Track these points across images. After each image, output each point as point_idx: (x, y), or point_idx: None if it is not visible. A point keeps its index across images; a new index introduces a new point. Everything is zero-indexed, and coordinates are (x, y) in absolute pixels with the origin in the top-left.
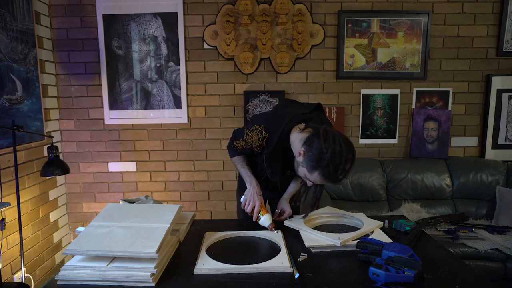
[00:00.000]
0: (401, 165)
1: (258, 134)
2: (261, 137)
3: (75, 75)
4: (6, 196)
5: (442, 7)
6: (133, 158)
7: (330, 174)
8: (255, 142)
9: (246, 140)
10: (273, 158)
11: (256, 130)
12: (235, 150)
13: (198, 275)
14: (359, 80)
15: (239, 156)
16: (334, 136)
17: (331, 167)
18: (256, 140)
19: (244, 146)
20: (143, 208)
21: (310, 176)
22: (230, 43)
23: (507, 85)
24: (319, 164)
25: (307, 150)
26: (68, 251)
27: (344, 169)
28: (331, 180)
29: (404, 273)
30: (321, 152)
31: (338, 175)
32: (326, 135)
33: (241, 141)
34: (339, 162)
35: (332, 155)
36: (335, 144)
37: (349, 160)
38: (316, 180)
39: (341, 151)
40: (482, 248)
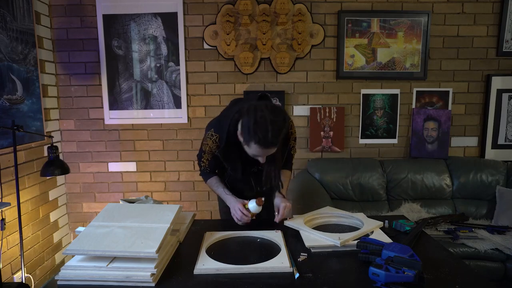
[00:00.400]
0: (401, 165)
1: (211, 137)
2: (213, 139)
3: (75, 75)
4: (6, 196)
5: (442, 7)
6: (133, 158)
7: (261, 139)
8: (212, 147)
9: (205, 151)
10: (229, 155)
11: (208, 135)
12: (205, 170)
13: (198, 275)
14: (359, 80)
15: (211, 179)
16: (256, 107)
17: (259, 132)
18: (211, 144)
19: (208, 158)
20: (143, 208)
21: (250, 150)
22: (230, 43)
23: (507, 85)
24: (250, 135)
25: (241, 129)
26: (68, 251)
27: (274, 131)
28: (266, 144)
29: (404, 273)
30: (247, 124)
31: (269, 138)
32: (248, 109)
33: (204, 155)
34: (266, 125)
35: (255, 121)
36: (256, 112)
37: (276, 122)
38: (256, 151)
39: (263, 116)
40: (482, 248)
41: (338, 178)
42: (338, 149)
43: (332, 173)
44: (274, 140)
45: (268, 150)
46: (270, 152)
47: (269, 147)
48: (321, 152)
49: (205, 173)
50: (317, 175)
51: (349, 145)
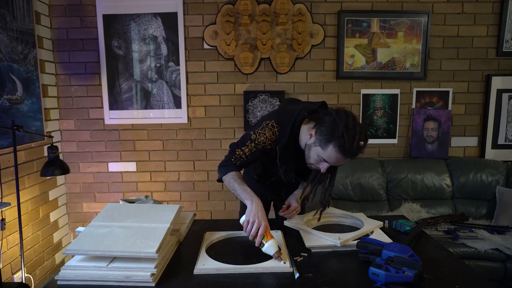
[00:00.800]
0: (401, 165)
1: (271, 129)
2: (274, 131)
3: (75, 75)
4: (6, 196)
5: (442, 7)
6: (133, 158)
7: (346, 144)
8: (269, 138)
9: (257, 140)
10: (286, 154)
11: (268, 125)
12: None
13: (198, 275)
14: (359, 80)
15: (231, 173)
16: (346, 111)
17: (346, 137)
18: (269, 135)
19: (253, 150)
20: (143, 208)
21: (324, 153)
22: (230, 43)
23: (507, 85)
24: (333, 135)
25: (318, 127)
26: (68, 251)
27: (359, 141)
28: (347, 152)
29: (404, 273)
30: (335, 123)
31: (354, 146)
32: (338, 110)
33: (250, 145)
34: (354, 133)
35: (346, 125)
36: (348, 117)
37: (363, 133)
38: (331, 155)
39: (354, 123)
40: (482, 248)
41: (338, 178)
42: None
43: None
44: (357, 151)
45: (343, 160)
46: (343, 162)
47: (348, 156)
48: None
49: (230, 165)
50: None
51: None
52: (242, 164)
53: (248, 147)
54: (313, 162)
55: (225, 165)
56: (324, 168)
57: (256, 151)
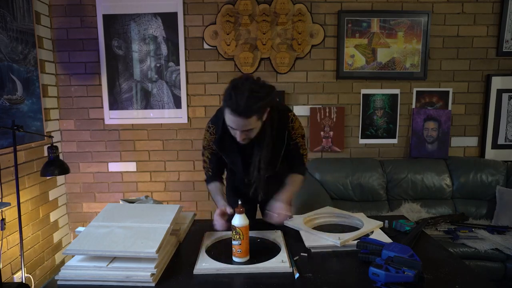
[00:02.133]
0: (401, 165)
1: (208, 130)
2: (210, 131)
3: (75, 75)
4: (6, 196)
5: (442, 7)
6: (133, 158)
7: (234, 104)
8: (210, 139)
9: (205, 146)
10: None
11: (206, 129)
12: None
13: (198, 275)
14: (359, 80)
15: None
16: (243, 76)
17: (234, 96)
18: (208, 136)
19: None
20: (143, 208)
21: (227, 120)
22: (230, 43)
23: (507, 85)
24: (226, 101)
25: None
26: (68, 251)
27: (250, 99)
28: (236, 111)
29: (404, 273)
30: (226, 91)
31: (242, 104)
32: (234, 78)
33: (205, 153)
34: (242, 92)
35: (234, 86)
36: (239, 80)
37: (255, 91)
38: (228, 119)
39: (244, 84)
40: (482, 248)
41: (338, 178)
42: (338, 149)
43: (332, 173)
44: (247, 109)
45: (241, 120)
46: (245, 125)
47: (241, 115)
48: (321, 152)
49: (208, 175)
50: (317, 175)
51: (349, 145)
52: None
53: (204, 155)
54: (233, 134)
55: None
56: (238, 136)
57: (211, 156)
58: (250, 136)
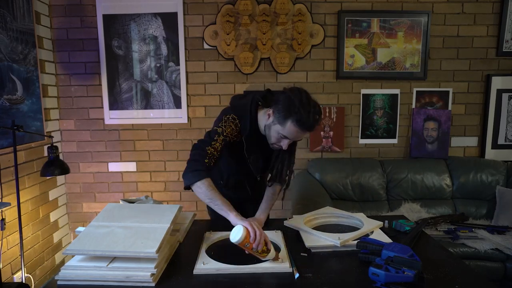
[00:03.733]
0: (401, 165)
1: (232, 121)
2: (235, 123)
3: (75, 75)
4: (6, 196)
5: (442, 7)
6: (133, 158)
7: (303, 118)
8: (234, 130)
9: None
10: (252, 142)
11: (229, 119)
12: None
13: (197, 275)
14: (359, 80)
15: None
16: (298, 88)
17: (303, 111)
18: (234, 126)
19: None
20: (143, 208)
21: (284, 129)
22: (230, 43)
23: (507, 85)
24: (290, 112)
25: (275, 107)
26: (68, 251)
27: (314, 114)
28: (306, 125)
29: (404, 273)
30: (290, 100)
31: (310, 119)
32: (291, 88)
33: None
34: (309, 106)
35: (301, 100)
36: (301, 93)
37: (317, 106)
38: (290, 130)
39: (308, 97)
40: (482, 248)
41: (338, 178)
42: (338, 149)
43: (332, 173)
44: (313, 124)
45: (302, 134)
46: (302, 136)
47: (306, 129)
48: (321, 152)
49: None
50: (317, 175)
51: (349, 145)
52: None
53: (217, 141)
54: (274, 141)
55: (197, 169)
56: (285, 144)
57: (225, 144)
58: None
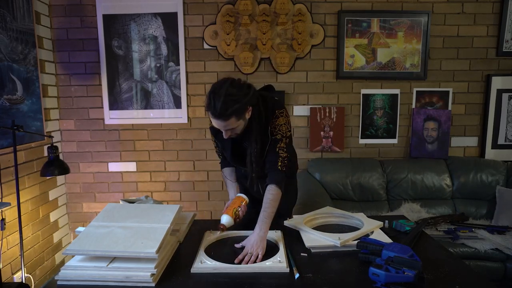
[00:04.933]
0: (401, 165)
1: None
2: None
3: (75, 75)
4: (6, 196)
5: (442, 7)
6: (133, 158)
7: (211, 107)
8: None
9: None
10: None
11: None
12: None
13: (197, 275)
14: (359, 80)
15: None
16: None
17: (212, 101)
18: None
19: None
20: (143, 208)
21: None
22: (230, 43)
23: (507, 85)
24: (206, 104)
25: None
26: (68, 251)
27: (225, 102)
28: (214, 113)
29: (404, 273)
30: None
31: (218, 107)
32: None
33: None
34: (219, 96)
35: (213, 91)
36: (218, 84)
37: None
38: (213, 121)
39: (222, 87)
40: (482, 248)
41: (338, 178)
42: (338, 149)
43: (332, 173)
44: (222, 111)
45: (220, 122)
46: (225, 125)
47: (219, 118)
48: (321, 152)
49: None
50: (317, 175)
51: (349, 145)
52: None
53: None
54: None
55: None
56: (224, 134)
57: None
58: (236, 132)
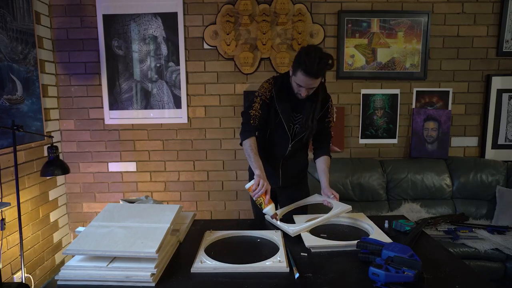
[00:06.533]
0: (401, 165)
1: (267, 81)
2: (269, 81)
3: (75, 75)
4: (6, 196)
5: (442, 7)
6: (133, 158)
7: (308, 66)
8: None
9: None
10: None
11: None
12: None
13: (197, 275)
14: (359, 80)
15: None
16: (310, 45)
17: (307, 60)
18: (267, 85)
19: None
20: (143, 208)
21: (297, 78)
22: (230, 43)
23: (507, 85)
24: (299, 63)
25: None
26: (68, 251)
27: (320, 64)
28: (310, 71)
29: (404, 273)
30: (299, 54)
31: (315, 67)
32: (303, 46)
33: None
34: (314, 58)
35: (307, 53)
36: (310, 47)
37: (324, 58)
38: (300, 78)
39: (315, 51)
40: (482, 248)
41: (338, 178)
42: (338, 149)
43: (332, 173)
44: (319, 71)
45: (310, 80)
46: (312, 83)
47: (312, 76)
48: None
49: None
50: (317, 175)
51: (349, 145)
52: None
53: (256, 102)
54: (296, 91)
55: (246, 130)
56: (303, 92)
57: (262, 103)
58: (309, 93)
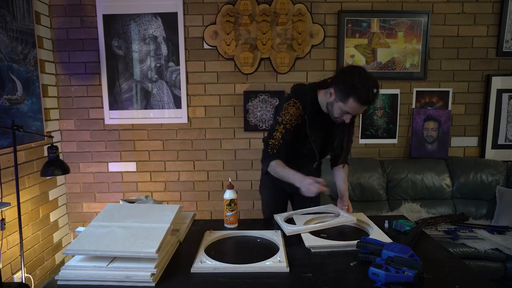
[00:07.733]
0: (401, 165)
1: (293, 105)
2: (296, 106)
3: (75, 75)
4: (6, 196)
5: (442, 7)
6: (133, 158)
7: (363, 94)
8: (293, 114)
9: (284, 121)
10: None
11: (289, 105)
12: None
13: (197, 275)
14: None
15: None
16: (355, 66)
17: (362, 88)
18: (293, 111)
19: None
20: (143, 208)
21: (346, 106)
22: (230, 43)
23: (507, 85)
24: (351, 89)
25: (336, 85)
26: (68, 251)
27: (373, 88)
28: (366, 100)
29: (404, 273)
30: (350, 78)
31: (370, 94)
32: (348, 67)
33: (279, 128)
34: (369, 82)
35: (360, 78)
36: (358, 69)
37: (376, 83)
38: (352, 106)
39: (365, 73)
40: (482, 248)
41: None
42: None
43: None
44: (373, 99)
45: (363, 108)
46: (362, 111)
47: (366, 104)
48: None
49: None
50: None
51: None
52: (279, 150)
53: (278, 130)
54: (337, 116)
55: (265, 158)
56: (348, 119)
57: (286, 131)
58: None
